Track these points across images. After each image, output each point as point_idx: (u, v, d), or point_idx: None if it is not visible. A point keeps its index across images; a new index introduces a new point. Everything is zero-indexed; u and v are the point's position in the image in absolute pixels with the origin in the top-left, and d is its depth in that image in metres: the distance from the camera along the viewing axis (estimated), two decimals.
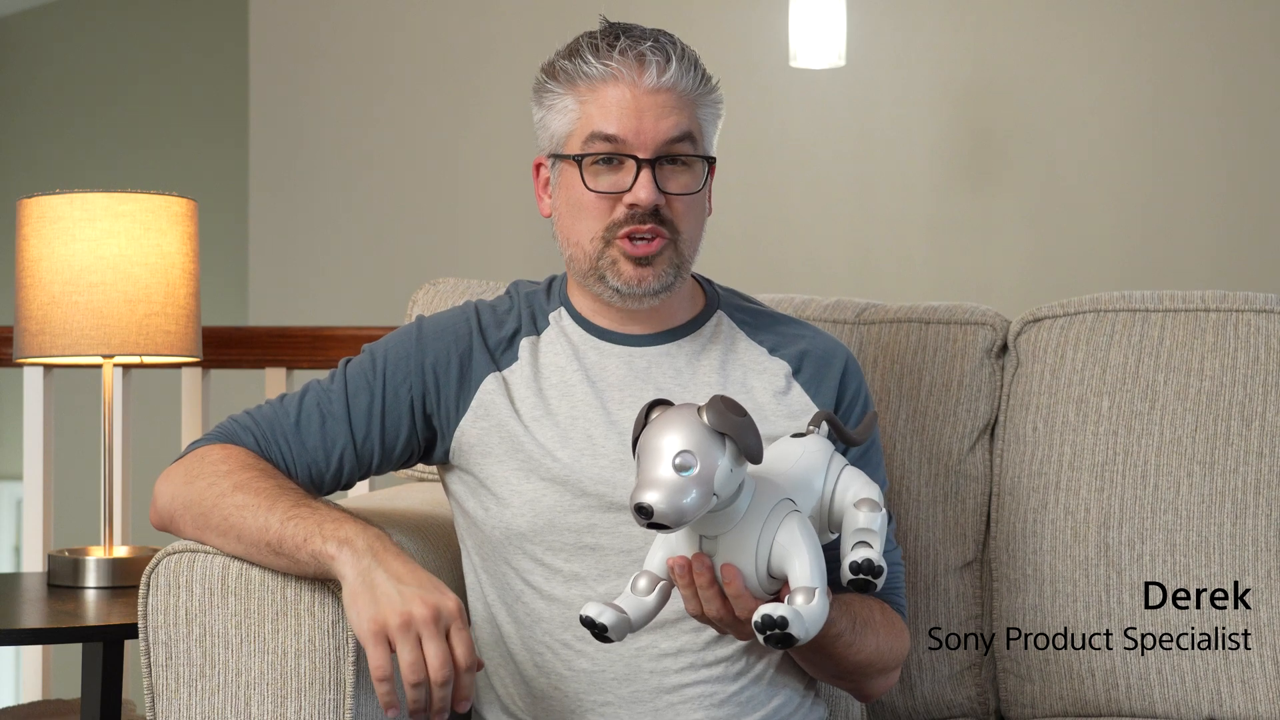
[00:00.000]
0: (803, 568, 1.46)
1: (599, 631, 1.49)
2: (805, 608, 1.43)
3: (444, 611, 1.50)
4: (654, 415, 1.47)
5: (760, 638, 1.43)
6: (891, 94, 4.46)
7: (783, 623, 1.41)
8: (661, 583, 1.52)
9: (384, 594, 1.50)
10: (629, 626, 1.50)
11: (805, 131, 4.52)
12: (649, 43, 1.69)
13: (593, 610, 1.49)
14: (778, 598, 1.51)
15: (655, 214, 1.68)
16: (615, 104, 1.68)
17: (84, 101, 6.50)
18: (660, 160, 1.68)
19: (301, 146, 4.99)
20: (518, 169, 4.68)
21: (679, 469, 1.41)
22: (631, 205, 1.68)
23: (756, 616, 1.42)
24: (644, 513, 1.39)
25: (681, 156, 1.69)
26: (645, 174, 1.67)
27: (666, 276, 1.71)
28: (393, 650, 1.49)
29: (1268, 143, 4.16)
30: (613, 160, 1.69)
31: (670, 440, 1.42)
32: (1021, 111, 4.37)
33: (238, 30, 5.39)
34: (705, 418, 1.43)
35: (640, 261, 1.69)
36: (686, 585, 1.51)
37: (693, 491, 1.40)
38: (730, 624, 1.53)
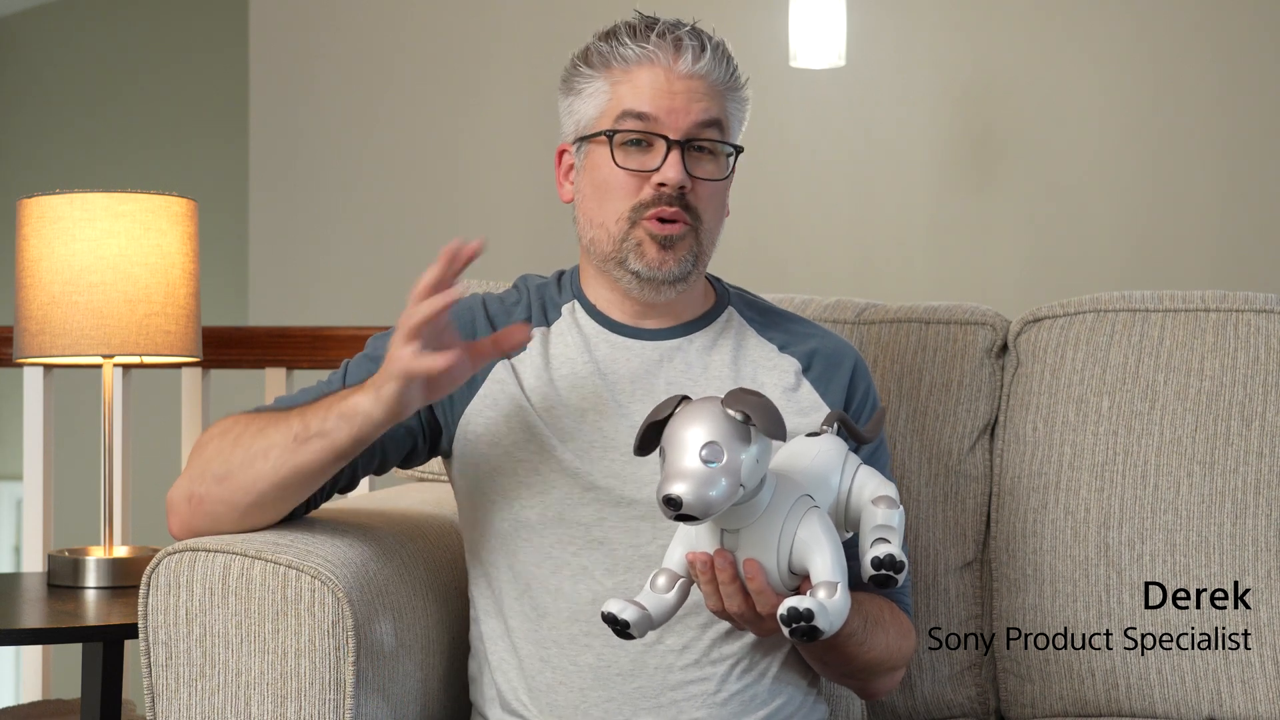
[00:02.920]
0: (824, 563, 1.47)
1: (621, 628, 1.50)
2: (829, 601, 1.44)
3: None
4: (678, 410, 1.47)
5: (786, 630, 1.43)
6: (891, 94, 4.46)
7: (809, 615, 1.42)
8: (681, 580, 1.53)
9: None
10: (650, 623, 1.51)
11: (805, 131, 4.52)
12: (686, 29, 1.73)
13: (615, 607, 1.50)
14: (798, 594, 1.51)
15: (681, 198, 1.70)
16: (648, 85, 1.70)
17: (84, 101, 6.50)
18: (689, 145, 1.71)
19: (301, 146, 4.99)
20: (518, 168, 4.69)
21: (706, 460, 1.41)
22: (660, 185, 1.70)
23: (782, 609, 1.43)
24: (672, 504, 1.40)
25: (709, 142, 1.72)
26: (675, 154, 1.70)
27: (685, 264, 1.72)
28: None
29: (1268, 143, 4.16)
30: (642, 142, 1.71)
31: (695, 432, 1.43)
32: (1021, 111, 4.37)
33: (238, 30, 5.39)
34: (728, 407, 1.44)
35: (665, 243, 1.70)
36: (708, 581, 1.51)
37: (720, 482, 1.41)
38: (751, 619, 1.53)
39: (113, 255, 2.36)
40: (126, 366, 2.93)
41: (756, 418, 1.43)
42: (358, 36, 4.93)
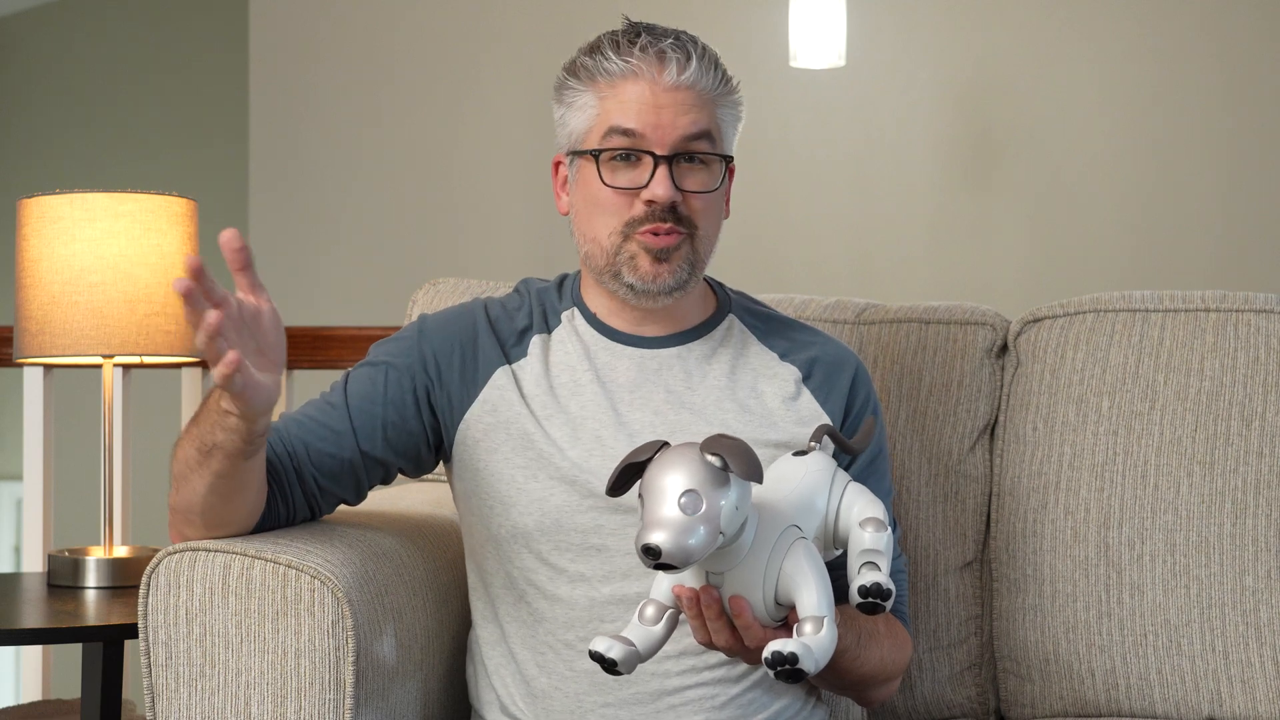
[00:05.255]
0: (810, 597, 1.46)
1: (608, 666, 1.48)
2: (814, 639, 1.43)
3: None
4: (656, 456, 1.46)
5: (770, 673, 1.42)
6: (891, 94, 4.46)
7: (793, 659, 1.41)
8: (669, 611, 1.51)
9: None
10: (638, 658, 1.50)
11: (805, 131, 4.52)
12: (669, 40, 1.69)
13: (601, 645, 1.48)
14: (785, 623, 1.51)
15: (672, 211, 1.68)
16: (634, 100, 1.68)
17: (84, 101, 6.51)
18: (677, 157, 1.69)
19: (301, 146, 4.99)
20: (518, 169, 4.69)
21: (684, 509, 1.40)
22: (649, 201, 1.68)
23: (766, 653, 1.41)
24: (652, 553, 1.38)
25: (699, 154, 1.70)
26: (662, 170, 1.67)
27: (681, 273, 1.70)
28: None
29: (1268, 143, 4.16)
30: (630, 156, 1.69)
31: (674, 479, 1.41)
32: (1021, 111, 4.37)
33: (238, 30, 5.40)
34: (706, 453, 1.42)
35: (660, 256, 1.69)
36: (695, 616, 1.50)
37: (699, 530, 1.39)
38: (739, 652, 1.53)
39: (113, 255, 2.36)
40: (126, 366, 2.93)
41: (733, 463, 1.41)
42: (358, 36, 4.94)
